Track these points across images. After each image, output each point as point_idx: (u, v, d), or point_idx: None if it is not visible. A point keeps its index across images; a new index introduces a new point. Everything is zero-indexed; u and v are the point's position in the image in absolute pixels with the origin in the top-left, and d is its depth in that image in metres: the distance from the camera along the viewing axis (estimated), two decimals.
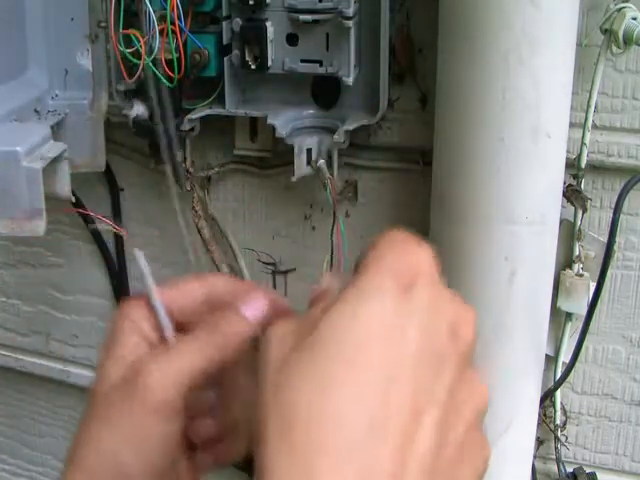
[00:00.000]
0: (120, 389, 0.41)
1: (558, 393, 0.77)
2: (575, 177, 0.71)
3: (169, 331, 0.43)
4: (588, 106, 0.68)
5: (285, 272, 0.84)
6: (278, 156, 0.79)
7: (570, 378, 0.77)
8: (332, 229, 0.74)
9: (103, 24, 0.75)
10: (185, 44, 0.70)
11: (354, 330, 0.31)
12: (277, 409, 0.31)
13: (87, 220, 0.91)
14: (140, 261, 0.43)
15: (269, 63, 0.70)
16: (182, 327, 0.43)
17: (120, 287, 0.93)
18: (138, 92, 0.75)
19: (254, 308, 0.42)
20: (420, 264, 0.34)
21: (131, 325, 0.42)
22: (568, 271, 0.73)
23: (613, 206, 0.69)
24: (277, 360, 0.32)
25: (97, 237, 0.92)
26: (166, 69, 0.69)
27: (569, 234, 0.73)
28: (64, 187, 0.71)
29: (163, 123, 0.68)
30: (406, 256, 0.33)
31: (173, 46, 0.69)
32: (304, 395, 0.30)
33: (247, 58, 0.70)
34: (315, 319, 0.32)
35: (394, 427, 0.30)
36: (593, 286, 0.71)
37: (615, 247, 0.72)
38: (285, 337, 0.33)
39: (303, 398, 0.30)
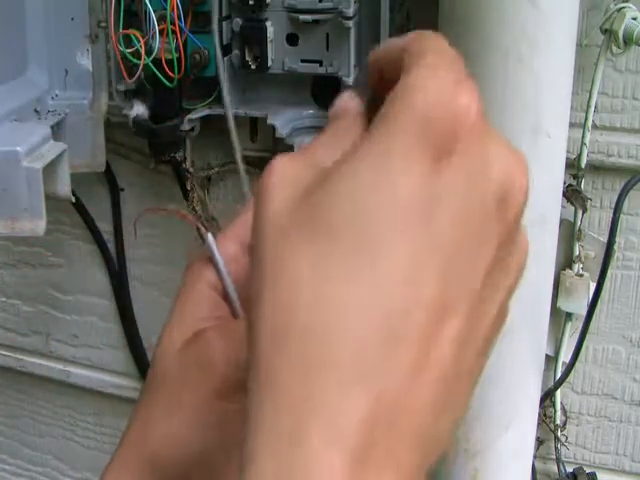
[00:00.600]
0: (189, 362, 0.37)
1: (558, 393, 0.77)
2: (575, 177, 0.71)
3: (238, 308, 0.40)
4: (588, 106, 0.68)
5: None
6: None
7: (570, 378, 0.77)
8: None
9: (103, 24, 0.75)
10: (185, 44, 0.70)
11: (371, 207, 0.24)
12: (273, 300, 0.25)
13: (87, 220, 0.91)
14: (212, 247, 0.39)
15: (269, 63, 0.70)
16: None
17: (120, 287, 0.93)
18: (138, 92, 0.75)
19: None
20: (463, 116, 0.26)
21: (202, 288, 0.38)
22: (568, 271, 0.73)
23: (613, 206, 0.69)
24: (275, 225, 0.26)
25: (97, 237, 0.92)
26: (166, 69, 0.69)
27: (569, 234, 0.73)
28: (64, 187, 0.71)
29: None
30: (447, 104, 0.25)
31: (173, 46, 0.69)
32: (305, 288, 0.24)
33: (247, 58, 0.70)
34: (326, 172, 0.25)
35: (414, 336, 0.24)
36: (593, 286, 0.71)
37: (615, 247, 0.72)
38: (286, 188, 0.26)
39: (305, 292, 0.24)
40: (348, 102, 0.32)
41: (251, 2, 0.68)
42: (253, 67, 0.70)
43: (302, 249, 0.25)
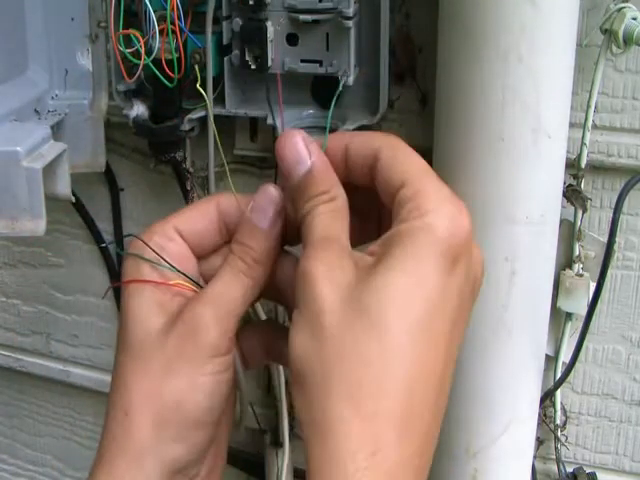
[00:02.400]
0: (176, 336, 0.41)
1: (558, 393, 0.77)
2: (575, 177, 0.71)
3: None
4: (588, 106, 0.68)
5: None
6: None
7: (570, 378, 0.77)
8: None
9: (103, 24, 0.75)
10: (185, 44, 0.70)
11: (414, 304, 0.35)
12: (343, 373, 0.35)
13: (87, 220, 0.91)
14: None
15: (269, 63, 0.70)
16: (206, 255, 0.44)
17: (120, 287, 0.92)
18: (138, 92, 0.75)
19: (269, 212, 0.42)
20: (467, 234, 0.38)
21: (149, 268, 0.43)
22: (568, 271, 0.73)
23: (613, 206, 0.69)
24: (334, 325, 0.36)
25: (97, 237, 0.92)
26: (166, 69, 0.69)
27: (569, 234, 0.73)
28: (64, 187, 0.71)
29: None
30: (460, 231, 0.37)
31: (173, 46, 0.69)
32: (369, 367, 0.34)
33: (247, 58, 0.70)
34: (366, 274, 0.36)
35: (438, 375, 0.37)
36: (593, 286, 0.71)
37: (615, 247, 0.72)
38: (334, 280, 0.37)
39: (370, 370, 0.34)
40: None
41: (251, 2, 0.68)
42: (253, 67, 0.70)
43: (360, 339, 0.35)
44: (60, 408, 1.05)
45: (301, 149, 0.40)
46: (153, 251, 0.43)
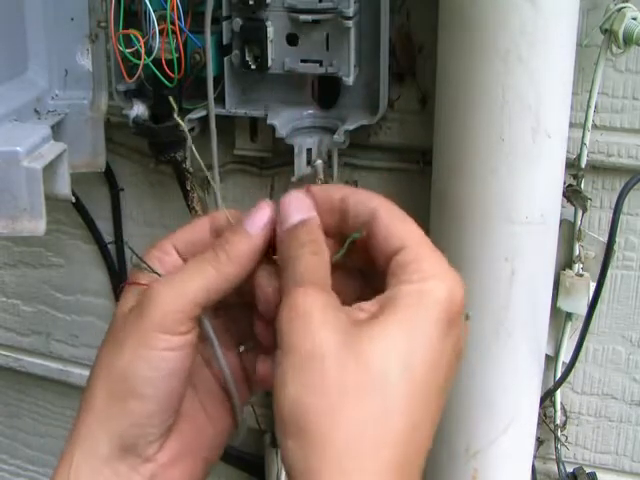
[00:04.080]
0: (133, 313, 0.43)
1: (558, 393, 0.77)
2: (575, 177, 0.71)
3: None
4: (588, 106, 0.68)
5: None
6: (278, 156, 0.79)
7: (570, 378, 0.77)
8: None
9: (103, 24, 0.75)
10: (185, 44, 0.70)
11: (409, 365, 0.37)
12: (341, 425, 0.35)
13: (87, 220, 0.91)
14: (209, 330, 0.45)
15: (269, 63, 0.70)
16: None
17: (120, 287, 0.92)
18: (138, 92, 0.75)
19: (258, 222, 0.44)
20: (462, 301, 0.39)
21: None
22: (568, 271, 0.73)
23: (613, 206, 0.69)
24: (331, 358, 0.36)
25: (97, 237, 0.92)
26: (166, 69, 0.69)
27: (569, 234, 0.73)
28: (64, 187, 0.71)
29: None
30: (457, 295, 0.39)
31: (173, 46, 0.69)
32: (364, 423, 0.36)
33: (247, 58, 0.70)
34: (362, 325, 0.37)
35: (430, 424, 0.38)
36: (593, 286, 0.71)
37: (615, 247, 0.72)
38: (331, 324, 0.37)
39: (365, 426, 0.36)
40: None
41: (251, 2, 0.68)
42: (253, 67, 0.70)
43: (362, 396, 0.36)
44: (60, 408, 1.05)
45: (304, 202, 0.43)
46: (146, 264, 0.46)
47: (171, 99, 0.56)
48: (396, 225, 0.41)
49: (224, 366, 0.46)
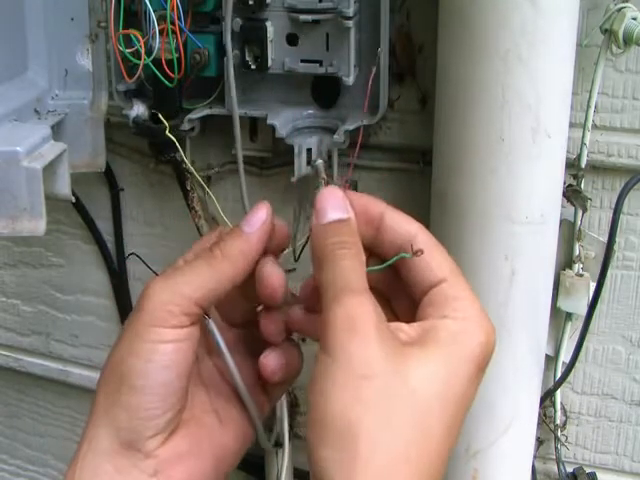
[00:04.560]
0: (135, 306, 0.44)
1: (558, 393, 0.77)
2: (575, 177, 0.71)
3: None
4: (588, 106, 0.68)
5: (286, 272, 0.84)
6: (278, 156, 0.79)
7: (570, 378, 0.77)
8: None
9: (103, 24, 0.75)
10: (185, 44, 0.70)
11: (445, 404, 0.38)
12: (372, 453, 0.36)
13: (87, 220, 0.91)
14: (215, 333, 0.46)
15: (269, 63, 0.70)
16: None
17: (120, 287, 0.93)
18: (138, 92, 0.75)
19: (254, 221, 0.45)
20: (494, 347, 0.41)
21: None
22: (568, 271, 0.73)
23: (613, 206, 0.69)
24: (379, 379, 0.37)
25: (97, 237, 0.92)
26: (166, 69, 0.69)
27: (569, 234, 0.73)
28: (64, 187, 0.71)
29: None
30: (491, 343, 0.41)
31: (173, 46, 0.69)
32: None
33: (247, 58, 0.70)
34: (405, 350, 0.39)
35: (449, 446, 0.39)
36: (593, 286, 0.71)
37: (615, 247, 0.72)
38: (383, 344, 0.38)
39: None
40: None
41: (251, 2, 0.68)
42: (253, 67, 0.70)
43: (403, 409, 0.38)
44: (60, 408, 1.05)
45: (342, 200, 0.43)
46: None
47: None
48: (436, 256, 0.43)
49: (236, 376, 0.46)
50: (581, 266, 0.74)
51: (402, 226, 0.43)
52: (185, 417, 0.45)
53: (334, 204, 0.43)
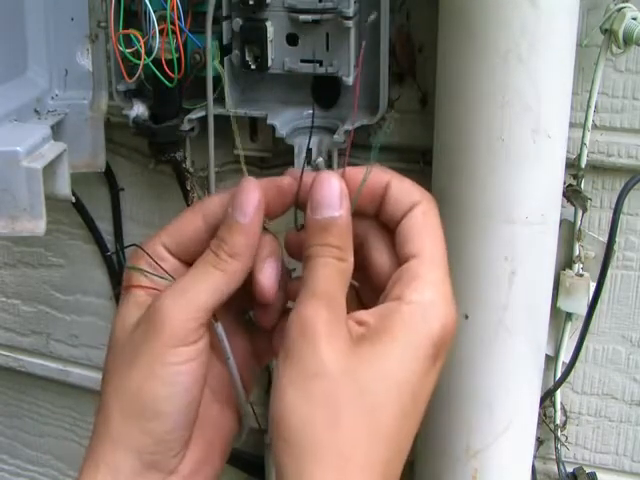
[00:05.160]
0: (140, 329, 0.42)
1: (558, 393, 0.77)
2: (575, 177, 0.71)
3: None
4: (588, 106, 0.68)
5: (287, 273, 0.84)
6: (278, 156, 0.79)
7: (570, 378, 0.77)
8: None
9: (103, 24, 0.75)
10: (185, 44, 0.70)
11: (399, 392, 0.38)
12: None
13: (87, 220, 0.91)
14: (223, 337, 0.45)
15: (269, 63, 0.70)
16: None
17: (120, 287, 0.92)
18: (138, 92, 0.75)
19: (247, 207, 0.43)
20: (454, 332, 0.40)
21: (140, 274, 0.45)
22: (568, 271, 0.73)
23: (613, 206, 0.69)
24: (331, 379, 0.38)
25: (97, 237, 0.92)
26: (166, 69, 0.69)
27: (569, 234, 0.73)
28: (64, 187, 0.71)
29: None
30: (450, 327, 0.40)
31: (173, 46, 0.69)
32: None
33: (247, 58, 0.70)
34: (360, 343, 0.39)
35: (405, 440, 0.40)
36: (593, 286, 0.71)
37: (615, 247, 0.72)
38: (335, 344, 0.38)
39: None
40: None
41: (251, 2, 0.68)
42: (253, 67, 0.70)
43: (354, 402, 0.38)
44: (60, 408, 1.05)
45: (337, 195, 0.42)
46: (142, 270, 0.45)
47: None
48: (421, 232, 0.42)
49: (233, 367, 0.45)
50: (581, 266, 0.74)
51: (405, 197, 0.43)
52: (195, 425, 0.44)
53: (328, 197, 0.42)
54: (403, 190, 0.43)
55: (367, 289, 0.45)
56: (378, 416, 0.38)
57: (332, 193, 0.42)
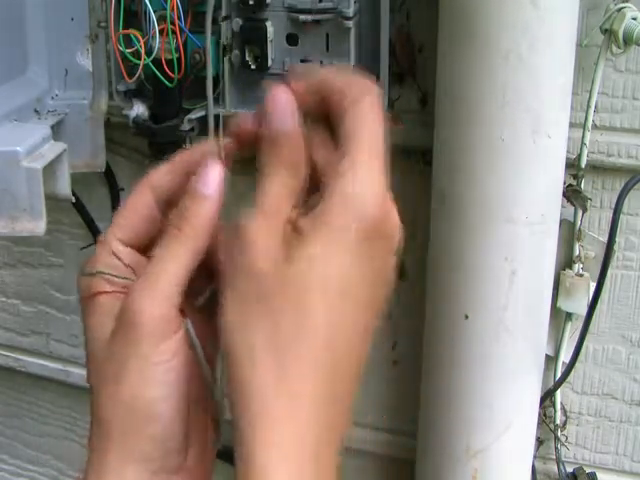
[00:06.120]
0: (118, 337, 0.40)
1: (558, 393, 0.77)
2: (575, 177, 0.71)
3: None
4: (588, 106, 0.68)
5: None
6: None
7: (570, 378, 0.77)
8: None
9: (103, 24, 0.75)
10: (185, 44, 0.70)
11: (324, 278, 0.37)
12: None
13: (87, 220, 0.91)
14: (192, 334, 0.43)
15: (269, 63, 0.70)
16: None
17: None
18: (138, 92, 0.75)
19: (211, 179, 0.42)
20: (395, 229, 0.40)
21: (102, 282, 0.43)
22: (568, 271, 0.73)
23: (613, 206, 0.69)
24: (265, 284, 0.37)
25: (97, 237, 0.92)
26: (166, 69, 0.69)
27: (569, 234, 0.73)
28: (64, 187, 0.71)
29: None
30: (391, 220, 0.40)
31: (173, 46, 0.69)
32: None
33: (247, 58, 0.70)
34: (298, 243, 0.37)
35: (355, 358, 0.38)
36: (593, 286, 0.71)
37: (615, 247, 0.72)
38: (270, 251, 0.38)
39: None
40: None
41: (251, 2, 0.68)
42: (253, 67, 0.70)
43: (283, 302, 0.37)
44: (60, 408, 1.05)
45: (290, 109, 0.41)
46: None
47: None
48: (361, 126, 0.40)
49: (203, 361, 0.43)
50: (581, 266, 0.74)
51: (347, 91, 0.41)
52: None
53: (281, 110, 0.41)
54: (347, 85, 0.41)
55: (313, 190, 0.42)
56: (308, 312, 0.37)
57: (283, 105, 0.41)
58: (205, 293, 0.45)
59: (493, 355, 0.66)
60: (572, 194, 0.71)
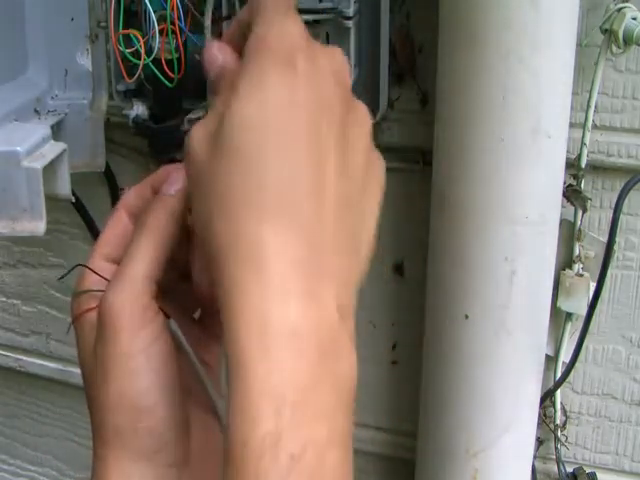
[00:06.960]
0: (99, 341, 0.41)
1: (558, 393, 0.77)
2: (575, 177, 0.71)
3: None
4: (588, 106, 0.68)
5: None
6: None
7: (570, 378, 0.77)
8: None
9: (103, 24, 0.75)
10: (185, 44, 0.70)
11: (256, 120, 0.36)
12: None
13: (87, 220, 0.91)
14: (179, 334, 0.43)
15: None
16: None
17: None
18: (138, 92, 0.75)
19: (175, 181, 0.43)
20: (295, 39, 0.41)
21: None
22: (568, 271, 0.73)
23: (613, 206, 0.69)
24: (199, 159, 0.37)
25: (97, 237, 0.92)
26: (166, 69, 0.69)
27: (569, 234, 0.73)
28: (64, 187, 0.71)
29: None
30: (283, 36, 0.40)
31: (173, 46, 0.69)
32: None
33: None
34: (222, 115, 0.36)
35: (307, 186, 0.35)
36: (593, 286, 0.71)
37: (615, 247, 0.72)
38: (202, 139, 0.37)
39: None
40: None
41: None
42: None
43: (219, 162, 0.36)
44: (60, 408, 1.05)
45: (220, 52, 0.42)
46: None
47: None
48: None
49: (196, 363, 0.44)
50: (581, 266, 0.74)
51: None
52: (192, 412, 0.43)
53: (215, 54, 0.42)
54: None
55: None
56: (247, 161, 0.35)
57: (219, 52, 0.42)
58: (197, 312, 0.47)
59: (493, 355, 0.66)
60: (572, 194, 0.71)
